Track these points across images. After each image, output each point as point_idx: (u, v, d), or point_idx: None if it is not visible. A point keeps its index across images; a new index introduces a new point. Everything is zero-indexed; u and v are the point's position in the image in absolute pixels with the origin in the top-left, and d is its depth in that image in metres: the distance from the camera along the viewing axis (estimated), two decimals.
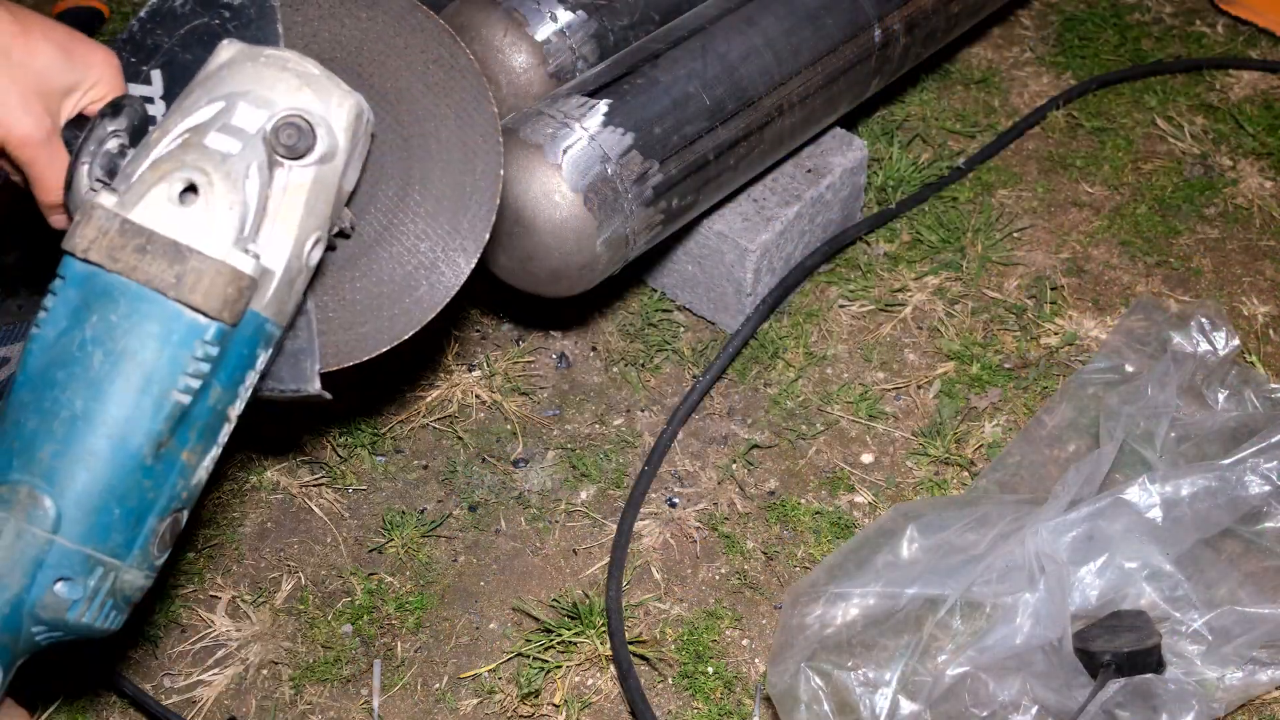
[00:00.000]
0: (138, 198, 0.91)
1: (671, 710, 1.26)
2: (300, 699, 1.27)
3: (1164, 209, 1.70)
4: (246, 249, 0.91)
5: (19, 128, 0.95)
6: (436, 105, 1.10)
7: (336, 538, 1.39)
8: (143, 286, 0.89)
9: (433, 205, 1.10)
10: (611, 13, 1.48)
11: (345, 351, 1.07)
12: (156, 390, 0.89)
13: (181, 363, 0.90)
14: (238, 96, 0.94)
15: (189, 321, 0.89)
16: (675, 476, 1.43)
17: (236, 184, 0.92)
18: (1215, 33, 1.94)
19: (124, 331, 0.89)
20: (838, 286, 1.60)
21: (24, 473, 0.88)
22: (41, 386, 0.90)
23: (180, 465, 0.92)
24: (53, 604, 0.87)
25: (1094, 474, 1.30)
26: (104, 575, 0.89)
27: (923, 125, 1.80)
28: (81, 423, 0.88)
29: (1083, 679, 1.20)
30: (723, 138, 1.38)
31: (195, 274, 0.89)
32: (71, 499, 0.88)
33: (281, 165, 0.94)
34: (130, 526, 0.90)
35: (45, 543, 0.87)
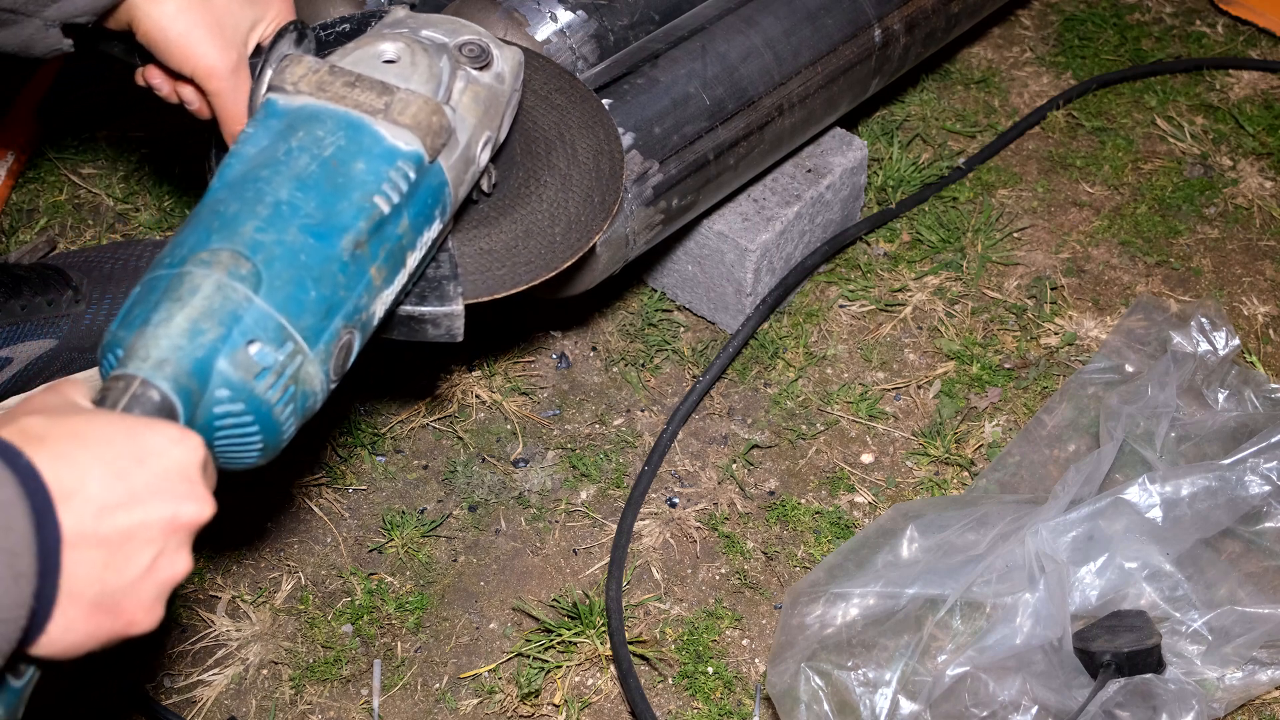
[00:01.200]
0: (342, 55, 1.00)
1: (671, 710, 1.26)
2: (300, 699, 1.27)
3: (1164, 209, 1.70)
4: (447, 102, 1.00)
5: (206, 59, 1.01)
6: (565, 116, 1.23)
7: (336, 538, 1.39)
8: (351, 111, 0.95)
9: (564, 182, 1.20)
10: (611, 13, 1.48)
11: (483, 289, 1.13)
12: (359, 193, 0.93)
13: (384, 174, 0.94)
14: (421, 27, 1.06)
15: (392, 144, 0.95)
16: (675, 476, 1.43)
17: (434, 61, 1.01)
18: (1215, 33, 1.94)
19: (330, 143, 0.94)
20: (838, 286, 1.60)
21: (225, 241, 0.88)
22: (242, 185, 0.91)
23: (367, 278, 0.94)
24: (244, 363, 0.85)
25: (1094, 474, 1.30)
26: (293, 354, 0.88)
27: (923, 125, 1.80)
28: (286, 207, 0.90)
29: (1083, 679, 1.20)
30: (723, 138, 1.38)
31: (403, 102, 0.96)
32: (273, 268, 0.88)
33: (464, 69, 1.04)
34: (321, 314, 0.90)
35: (245, 299, 0.86)
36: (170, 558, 0.77)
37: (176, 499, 0.76)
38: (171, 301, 0.85)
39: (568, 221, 1.18)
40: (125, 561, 0.74)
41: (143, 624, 0.77)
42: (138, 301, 0.87)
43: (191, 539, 0.78)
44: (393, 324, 1.06)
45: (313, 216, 0.91)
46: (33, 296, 1.42)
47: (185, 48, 1.01)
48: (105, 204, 1.69)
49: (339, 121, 0.95)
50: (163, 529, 0.76)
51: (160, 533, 0.76)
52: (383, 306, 0.97)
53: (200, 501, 0.78)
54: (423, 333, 1.08)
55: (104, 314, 1.45)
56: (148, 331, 0.84)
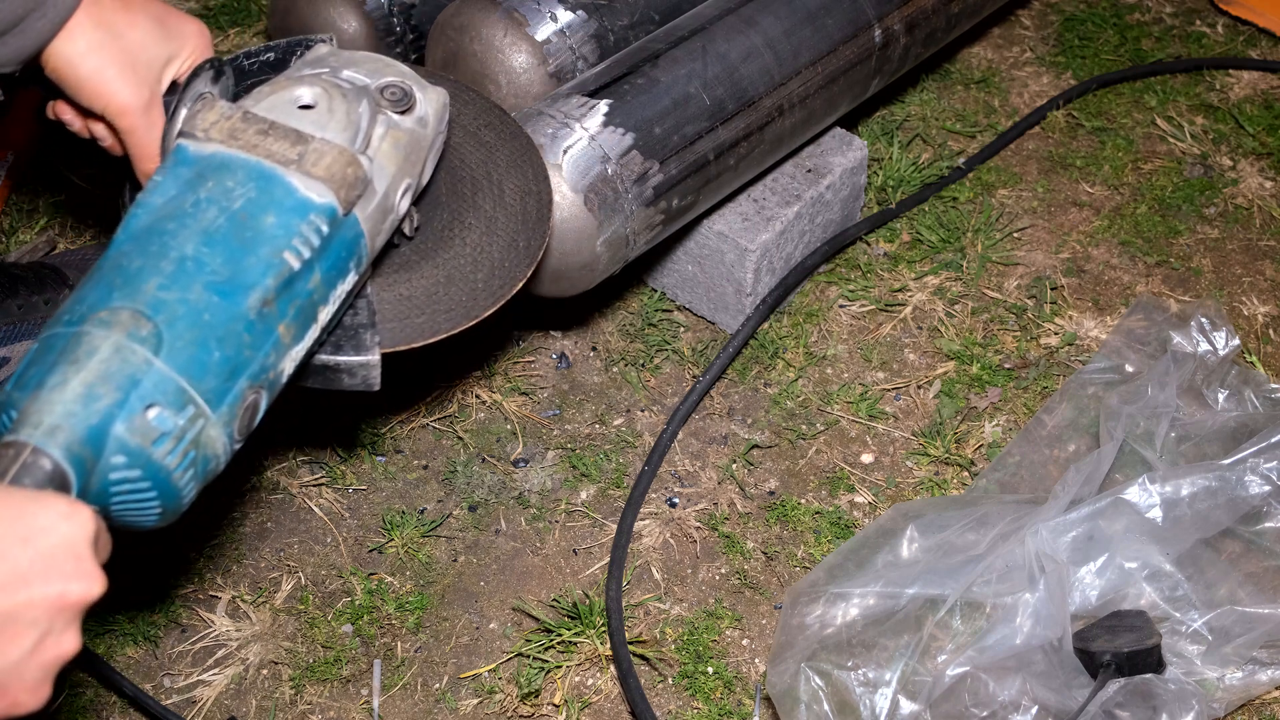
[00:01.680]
0: (258, 100, 0.98)
1: (671, 710, 1.26)
2: (300, 699, 1.27)
3: (1164, 209, 1.70)
4: (361, 153, 0.98)
5: (118, 98, 0.99)
6: (493, 154, 1.21)
7: (336, 538, 1.39)
8: (263, 161, 0.93)
9: (490, 225, 1.18)
10: (611, 13, 1.48)
11: (401, 338, 1.12)
12: (268, 249, 0.91)
13: (295, 229, 0.92)
14: (342, 67, 1.04)
15: (305, 196, 0.93)
16: (675, 476, 1.43)
17: (352, 107, 0.99)
18: (1215, 33, 1.94)
19: (240, 195, 0.92)
20: (838, 286, 1.60)
21: (127, 300, 0.86)
22: (148, 237, 0.90)
23: (275, 337, 0.92)
24: (142, 429, 0.83)
25: (1094, 474, 1.30)
26: (193, 418, 0.86)
27: (923, 125, 1.80)
28: (191, 264, 0.88)
29: (1083, 679, 1.20)
30: (723, 138, 1.38)
31: (317, 153, 0.94)
32: (175, 328, 0.86)
33: (384, 113, 1.02)
34: (225, 376, 0.88)
35: (144, 361, 0.84)
36: (57, 638, 0.75)
37: (64, 578, 0.74)
38: (67, 364, 0.83)
39: (490, 267, 1.15)
40: (7, 645, 0.72)
41: (27, 705, 0.74)
42: (33, 361, 0.84)
43: (80, 617, 0.76)
44: (307, 372, 1.03)
45: (219, 273, 0.88)
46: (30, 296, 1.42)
47: (96, 85, 0.99)
48: (105, 204, 1.69)
49: (250, 172, 0.93)
50: (48, 609, 0.73)
51: (45, 613, 0.73)
52: (292, 363, 0.95)
53: (88, 579, 0.75)
54: (338, 382, 1.07)
55: None
56: (41, 395, 0.82)
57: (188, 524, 1.39)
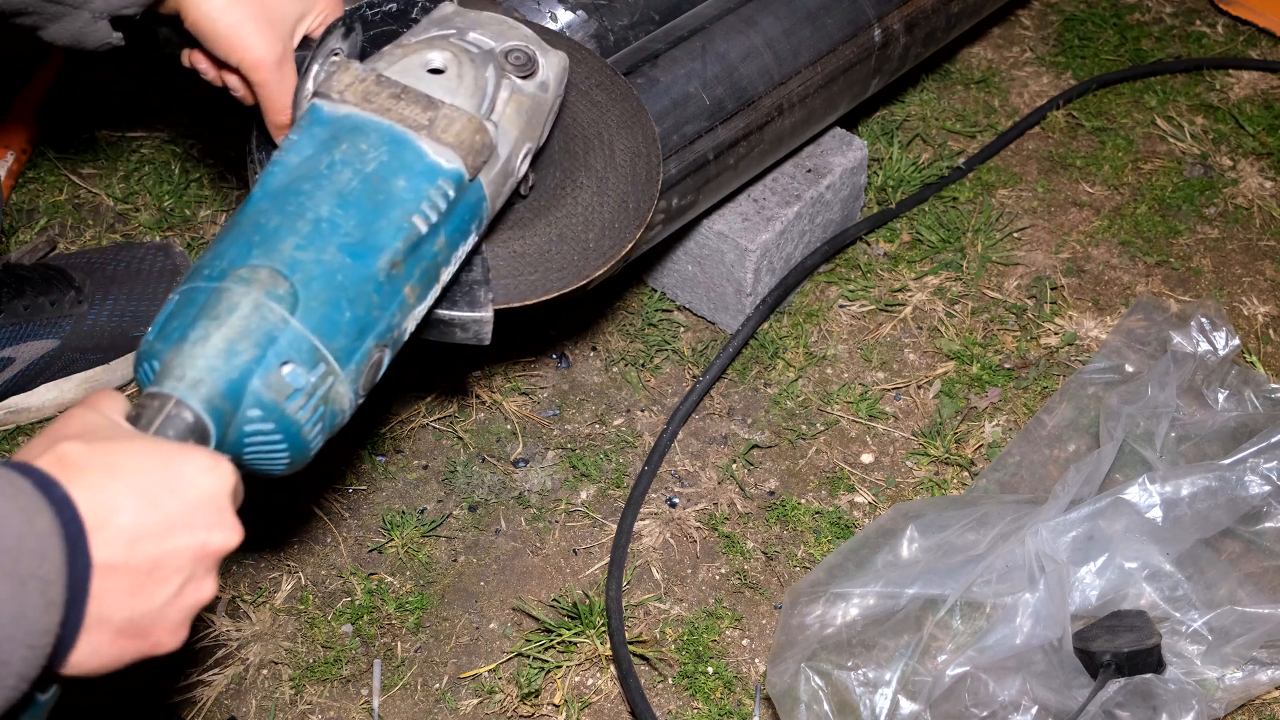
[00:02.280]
0: (390, 63, 0.99)
1: (671, 710, 1.26)
2: (300, 699, 1.27)
3: (1164, 209, 1.71)
4: (487, 118, 0.99)
5: (253, 51, 1.02)
6: (604, 114, 1.22)
7: (336, 538, 1.39)
8: (395, 125, 0.95)
9: (601, 185, 1.19)
10: (611, 13, 1.48)
11: (514, 294, 1.13)
12: (399, 212, 0.93)
13: (424, 193, 0.94)
14: (468, 29, 1.05)
15: (434, 161, 0.95)
16: (675, 476, 1.43)
17: (479, 72, 1.01)
18: (1215, 33, 1.94)
19: (373, 158, 0.94)
20: (838, 286, 1.60)
21: (265, 258, 0.89)
22: (284, 196, 0.92)
23: (401, 297, 0.94)
24: (276, 385, 0.86)
25: (1094, 474, 1.30)
26: (324, 375, 0.89)
27: (923, 125, 1.80)
28: (326, 225, 0.91)
29: (1083, 679, 1.20)
30: (723, 137, 1.38)
31: (447, 119, 0.96)
32: (310, 288, 0.88)
33: (509, 78, 1.03)
34: (354, 335, 0.90)
35: (280, 320, 0.87)
36: (197, 584, 0.79)
37: (206, 528, 0.78)
38: (209, 319, 0.86)
39: (601, 227, 1.17)
40: (154, 589, 0.76)
41: (168, 645, 0.79)
42: (175, 314, 0.87)
43: (218, 564, 0.80)
44: (423, 326, 1.06)
45: (352, 235, 0.91)
46: (36, 296, 1.42)
47: (233, 39, 1.02)
48: (105, 204, 1.69)
49: (383, 135, 0.95)
50: (191, 557, 0.78)
51: (189, 560, 0.78)
52: (414, 322, 0.97)
53: (228, 529, 0.79)
54: (450, 335, 1.09)
55: (106, 314, 1.45)
56: (184, 349, 0.85)
57: None
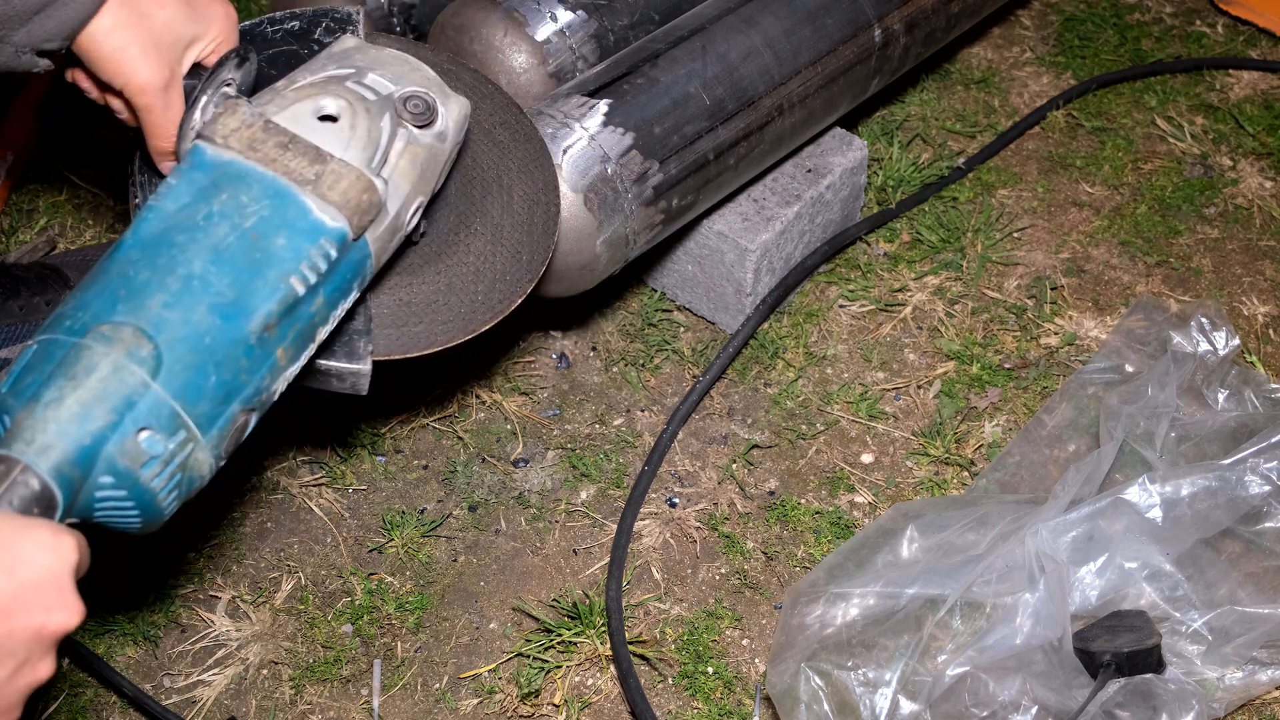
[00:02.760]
0: (280, 107, 0.96)
1: (671, 710, 1.26)
2: (300, 699, 1.27)
3: (1164, 209, 1.70)
4: (378, 174, 0.96)
5: (139, 76, 0.99)
6: (505, 156, 1.19)
7: (336, 538, 1.39)
8: (280, 178, 0.92)
9: (495, 233, 1.16)
10: (611, 13, 1.48)
11: (395, 346, 1.11)
12: (276, 272, 0.90)
13: (304, 253, 0.92)
14: (368, 69, 1.02)
15: (318, 219, 0.92)
16: (675, 476, 1.43)
17: (373, 123, 0.98)
18: (1215, 33, 1.94)
19: (253, 213, 0.91)
20: (838, 286, 1.60)
21: (130, 315, 0.86)
22: (157, 247, 0.89)
23: (273, 361, 0.91)
24: (132, 452, 0.83)
25: (1094, 474, 1.30)
26: (184, 442, 0.85)
27: (923, 125, 1.80)
28: (197, 283, 0.88)
29: (1083, 679, 1.20)
30: (723, 138, 1.38)
31: (334, 175, 0.93)
32: (174, 351, 0.85)
33: (405, 127, 1.00)
34: (219, 400, 0.88)
35: (141, 384, 0.83)
36: (33, 666, 0.76)
37: (45, 610, 0.75)
38: (65, 379, 0.83)
39: (492, 279, 1.13)
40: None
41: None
42: (31, 367, 0.84)
43: (57, 644, 0.77)
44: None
45: (224, 295, 0.88)
46: (31, 297, 1.42)
47: (117, 64, 0.98)
48: (105, 204, 1.69)
49: (265, 187, 0.92)
50: (27, 640, 0.75)
51: (24, 644, 0.75)
52: (285, 383, 0.94)
53: (69, 610, 0.77)
54: (326, 384, 1.06)
55: None
56: (36, 410, 0.82)
57: (188, 524, 1.39)
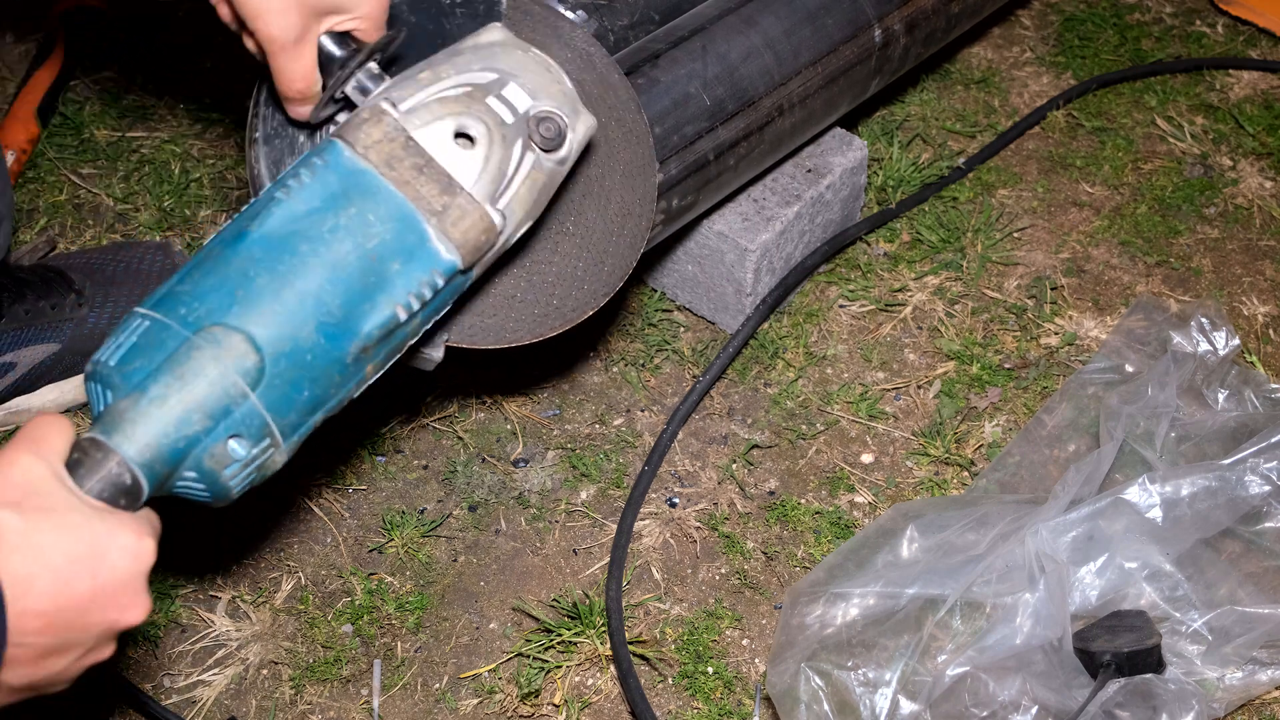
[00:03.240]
0: (423, 123, 0.96)
1: (671, 710, 1.26)
2: (300, 699, 1.27)
3: (1164, 209, 1.71)
4: (499, 208, 0.97)
5: (272, 28, 1.01)
6: (612, 156, 1.17)
7: (336, 538, 1.39)
8: (408, 202, 0.93)
9: (585, 238, 1.16)
10: (611, 13, 1.48)
11: (465, 335, 1.12)
12: (385, 298, 0.92)
13: (415, 284, 0.94)
14: (510, 76, 1.00)
15: (435, 249, 0.94)
16: (675, 476, 1.43)
17: (508, 148, 0.97)
18: (1215, 33, 1.94)
19: (376, 235, 0.92)
20: (838, 286, 1.60)
21: (242, 320, 0.88)
22: (279, 249, 0.91)
23: (361, 376, 0.94)
24: (220, 456, 0.87)
25: (1094, 474, 1.30)
26: (267, 448, 0.89)
27: (923, 125, 1.80)
28: (312, 301, 0.90)
29: (1083, 679, 1.20)
30: (723, 138, 1.38)
31: (460, 211, 0.94)
32: (277, 365, 0.88)
33: (533, 151, 0.99)
34: (306, 412, 0.91)
35: (241, 395, 0.87)
36: (99, 652, 0.81)
37: (120, 609, 0.80)
38: (173, 378, 0.86)
39: (569, 284, 1.14)
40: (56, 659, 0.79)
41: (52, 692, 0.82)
42: (141, 349, 0.87)
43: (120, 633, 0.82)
44: None
45: (333, 315, 0.90)
46: (36, 300, 1.42)
47: (256, 8, 1.01)
48: (105, 204, 1.69)
49: (393, 209, 0.93)
50: (99, 634, 0.80)
51: (95, 637, 0.80)
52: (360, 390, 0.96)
53: (140, 609, 0.82)
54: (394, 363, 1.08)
55: (106, 317, 1.45)
56: (140, 404, 0.85)
57: (188, 524, 1.39)
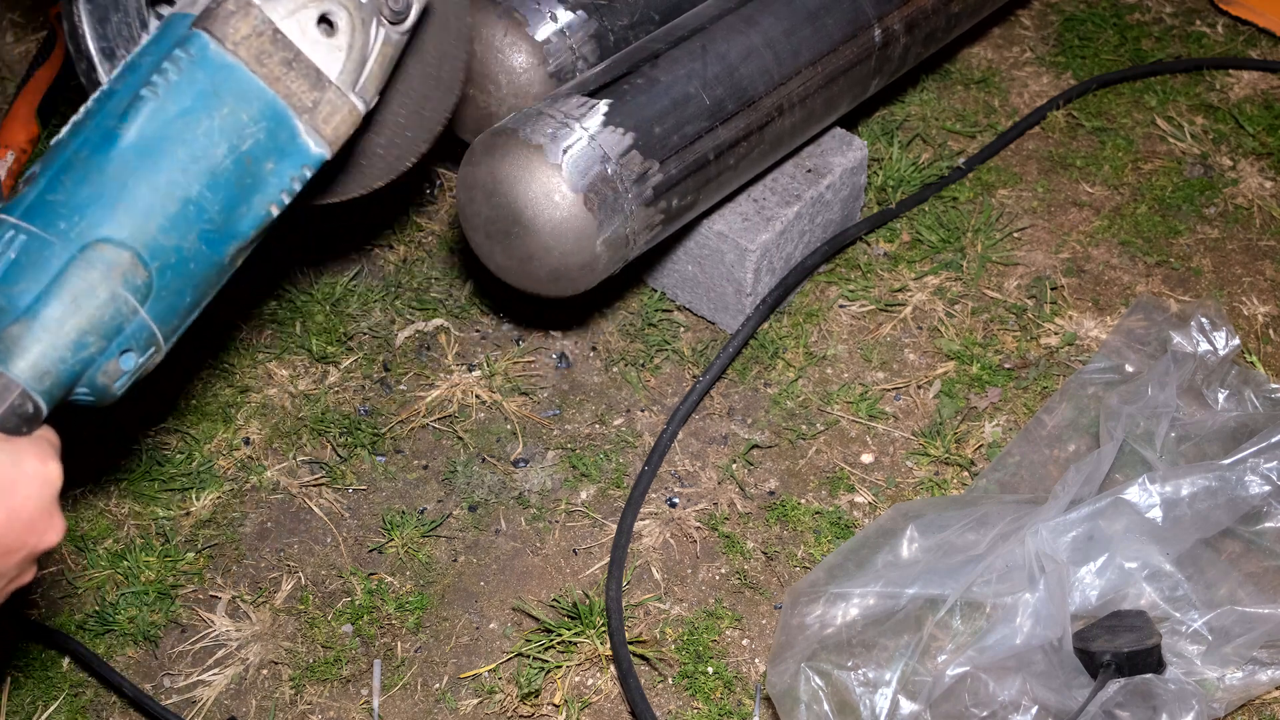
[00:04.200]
0: (287, 11, 0.96)
1: (671, 710, 1.26)
2: (300, 699, 1.27)
3: (1164, 209, 1.70)
4: (360, 94, 0.98)
5: None
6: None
7: (336, 538, 1.39)
8: (280, 99, 0.94)
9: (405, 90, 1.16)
10: (611, 13, 1.48)
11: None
12: (261, 199, 0.94)
13: (288, 181, 0.96)
14: None
15: (306, 144, 0.95)
16: (675, 476, 1.43)
17: (366, 30, 0.99)
18: (1215, 33, 1.94)
19: (250, 136, 0.93)
20: (838, 286, 1.60)
21: (129, 235, 0.89)
22: (155, 156, 0.91)
23: (234, 271, 0.96)
24: (113, 372, 0.89)
25: (1094, 474, 1.30)
26: (152, 354, 0.91)
27: (923, 125, 1.80)
28: (194, 209, 0.91)
29: (1083, 679, 1.20)
30: (723, 138, 1.38)
31: (331, 106, 0.95)
32: (164, 278, 0.90)
33: (383, 26, 1.01)
34: (186, 315, 0.93)
35: (132, 313, 0.88)
36: (21, 578, 0.83)
37: (38, 535, 0.82)
38: (66, 302, 0.86)
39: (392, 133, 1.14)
40: None
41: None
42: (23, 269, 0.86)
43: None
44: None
45: (214, 221, 0.92)
46: None
47: None
48: None
49: (265, 107, 0.94)
50: (19, 563, 0.82)
51: (17, 565, 0.82)
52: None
53: (57, 531, 0.83)
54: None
55: None
56: (34, 329, 0.86)
57: (188, 523, 1.40)
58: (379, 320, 1.58)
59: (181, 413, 1.48)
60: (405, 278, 1.62)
